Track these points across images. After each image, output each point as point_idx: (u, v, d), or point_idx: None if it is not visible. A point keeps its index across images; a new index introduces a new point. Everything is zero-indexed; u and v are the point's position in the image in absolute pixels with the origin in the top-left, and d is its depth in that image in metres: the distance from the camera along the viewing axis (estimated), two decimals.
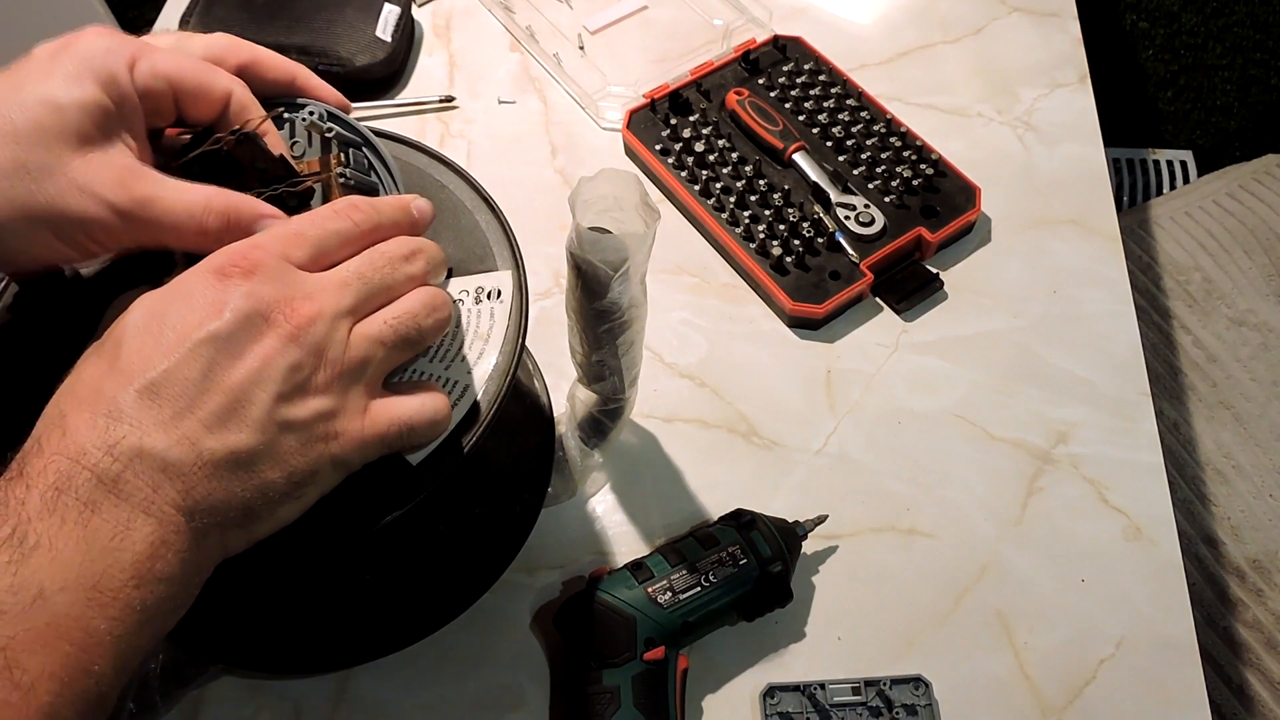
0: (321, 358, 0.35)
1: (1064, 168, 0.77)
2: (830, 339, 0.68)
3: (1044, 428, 0.64)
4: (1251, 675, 0.78)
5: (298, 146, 0.43)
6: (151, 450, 0.32)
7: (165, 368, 0.33)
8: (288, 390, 0.34)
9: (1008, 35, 0.86)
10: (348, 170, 0.42)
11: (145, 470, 0.32)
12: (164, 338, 0.33)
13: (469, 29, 0.88)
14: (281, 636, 0.55)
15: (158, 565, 0.32)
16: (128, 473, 0.31)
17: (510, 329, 0.43)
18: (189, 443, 0.32)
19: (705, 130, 0.76)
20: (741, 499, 0.60)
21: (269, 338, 0.34)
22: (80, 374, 0.34)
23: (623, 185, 0.43)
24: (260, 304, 0.34)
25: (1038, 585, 0.58)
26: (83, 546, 0.30)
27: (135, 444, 0.32)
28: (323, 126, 0.42)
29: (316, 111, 0.43)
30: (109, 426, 0.32)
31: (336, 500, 0.38)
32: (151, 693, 0.53)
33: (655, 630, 0.52)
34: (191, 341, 0.33)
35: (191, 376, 0.33)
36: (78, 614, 0.30)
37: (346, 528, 0.39)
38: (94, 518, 0.31)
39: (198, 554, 0.33)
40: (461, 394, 0.41)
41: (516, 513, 0.56)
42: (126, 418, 0.32)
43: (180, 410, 0.32)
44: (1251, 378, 0.91)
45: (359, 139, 0.43)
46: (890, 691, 0.54)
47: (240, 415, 0.33)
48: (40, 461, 0.31)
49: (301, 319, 0.35)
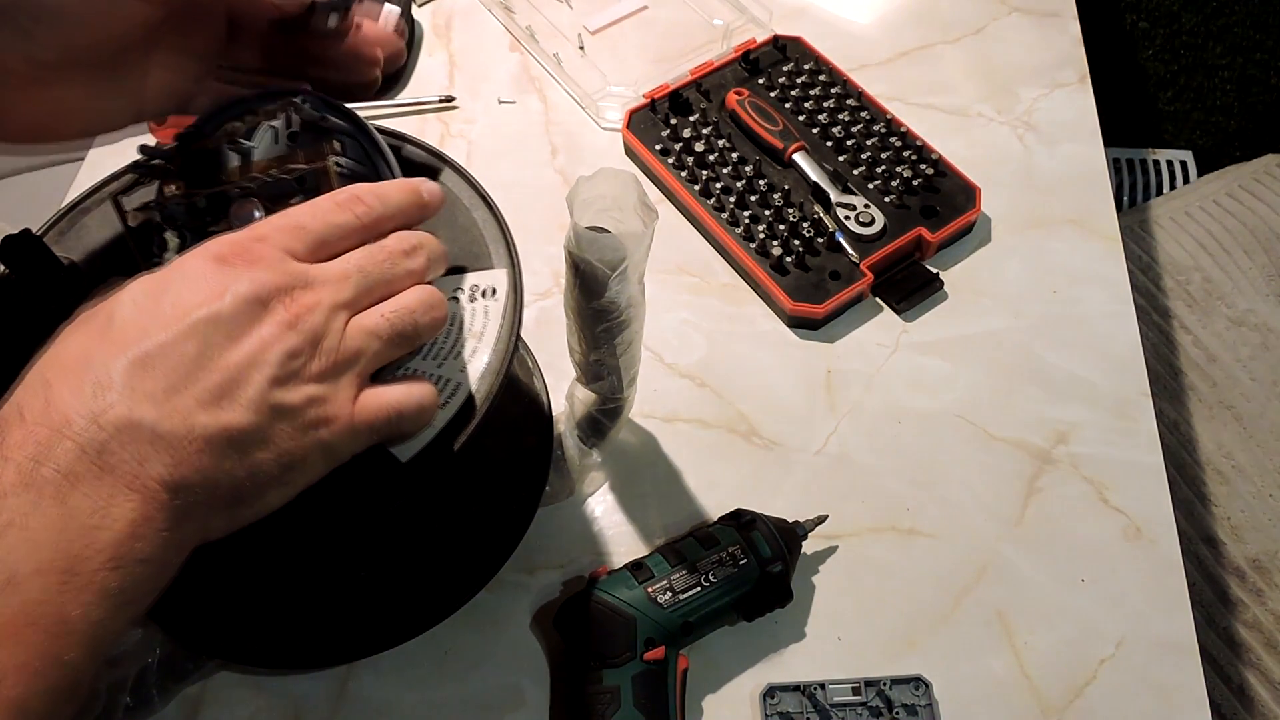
0: (317, 346, 0.35)
1: (1064, 168, 0.77)
2: (830, 339, 0.68)
3: (1044, 428, 0.64)
4: (1251, 675, 0.78)
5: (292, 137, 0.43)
6: (141, 421, 0.31)
7: (161, 340, 0.32)
8: (283, 375, 0.34)
9: (1008, 35, 0.86)
10: (343, 159, 0.42)
11: (132, 442, 0.31)
12: (161, 312, 0.33)
13: (469, 29, 0.88)
14: (279, 631, 0.55)
15: (137, 545, 0.31)
16: (113, 443, 0.30)
17: (504, 328, 0.43)
18: (181, 416, 0.32)
19: (705, 130, 0.76)
20: (741, 499, 0.60)
21: (268, 323, 0.34)
22: (67, 342, 0.33)
23: (621, 185, 0.43)
24: (261, 291, 0.34)
25: (1038, 585, 0.58)
26: (59, 525, 0.29)
27: (124, 414, 0.31)
28: (315, 116, 0.42)
29: (309, 101, 0.43)
30: (96, 395, 0.31)
31: (329, 495, 0.38)
32: (148, 687, 0.53)
33: (655, 630, 0.52)
34: (191, 319, 0.33)
35: (188, 352, 0.32)
36: (51, 600, 0.29)
37: (338, 522, 0.39)
38: (73, 493, 0.30)
39: (178, 534, 0.32)
40: (454, 392, 0.41)
41: (515, 508, 0.56)
42: (116, 387, 0.31)
43: (174, 384, 0.32)
44: (1251, 378, 0.91)
45: (352, 127, 0.43)
46: (890, 691, 0.54)
47: (235, 395, 0.33)
48: (20, 432, 0.30)
49: (300, 307, 0.35)
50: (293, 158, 0.42)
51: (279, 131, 0.42)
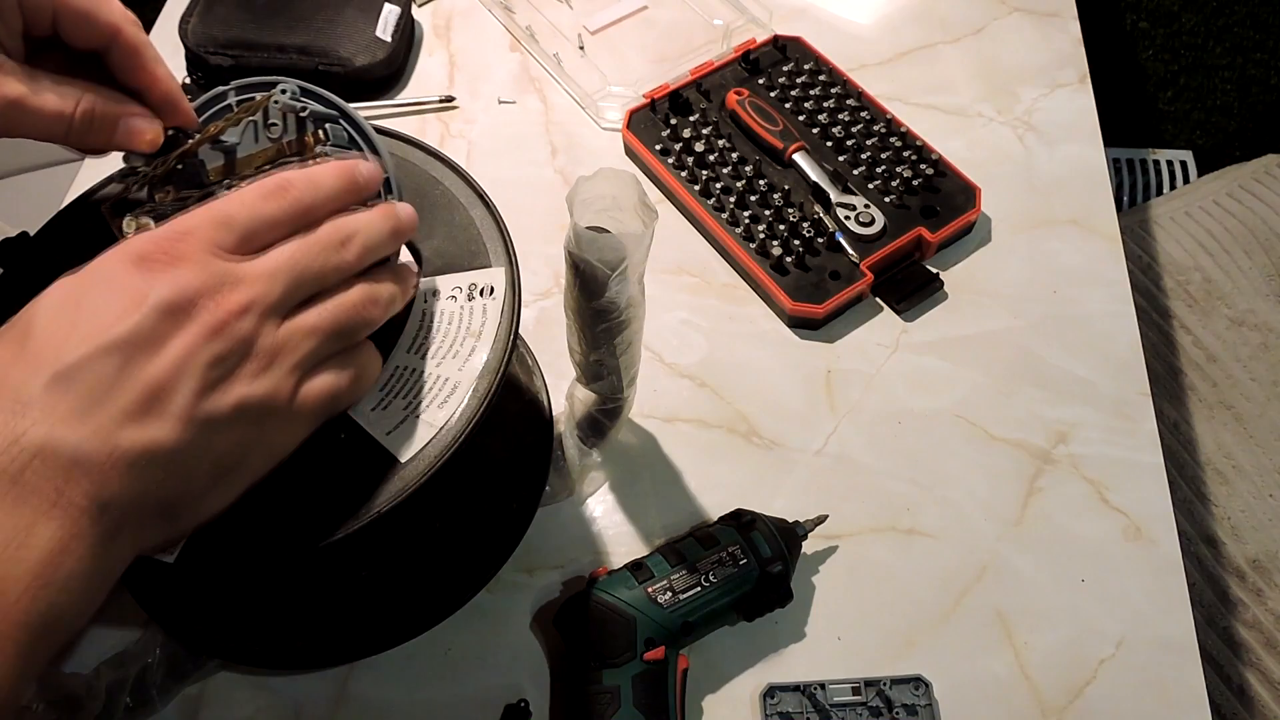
0: (250, 348, 0.34)
1: (1064, 168, 0.77)
2: (830, 339, 0.68)
3: (1044, 428, 0.64)
4: (1251, 675, 0.78)
5: (275, 129, 0.42)
6: (61, 443, 0.30)
7: (79, 356, 0.31)
8: (210, 382, 0.33)
9: (1008, 35, 0.86)
10: (328, 146, 0.42)
11: (53, 464, 0.30)
12: (79, 326, 0.31)
13: (469, 29, 0.88)
14: (279, 631, 0.55)
15: (66, 564, 0.30)
16: (29, 471, 0.29)
17: (502, 326, 0.43)
18: (102, 436, 0.30)
19: (705, 130, 0.76)
20: (741, 499, 0.60)
21: (191, 330, 0.32)
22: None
23: (621, 185, 0.43)
24: (182, 295, 0.32)
25: (1038, 585, 0.58)
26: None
27: (42, 436, 0.30)
28: (296, 105, 0.42)
29: (289, 90, 0.42)
30: (15, 415, 0.30)
31: (326, 496, 0.38)
32: (148, 687, 0.53)
33: (655, 630, 0.52)
34: (110, 335, 0.31)
35: (107, 369, 0.31)
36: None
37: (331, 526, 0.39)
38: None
39: (106, 554, 0.31)
40: (453, 390, 0.41)
41: (515, 507, 0.56)
42: (34, 407, 0.30)
43: (94, 402, 0.30)
44: (1251, 378, 0.91)
45: (334, 112, 0.43)
46: (890, 691, 0.54)
47: (160, 408, 0.32)
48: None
49: (226, 312, 0.33)
50: (277, 150, 0.42)
51: (258, 125, 0.42)
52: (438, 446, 0.40)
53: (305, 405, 0.36)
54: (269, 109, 0.42)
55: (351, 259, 0.38)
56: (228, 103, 0.43)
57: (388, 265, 0.41)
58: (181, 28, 0.80)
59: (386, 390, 0.42)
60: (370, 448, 0.40)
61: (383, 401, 0.42)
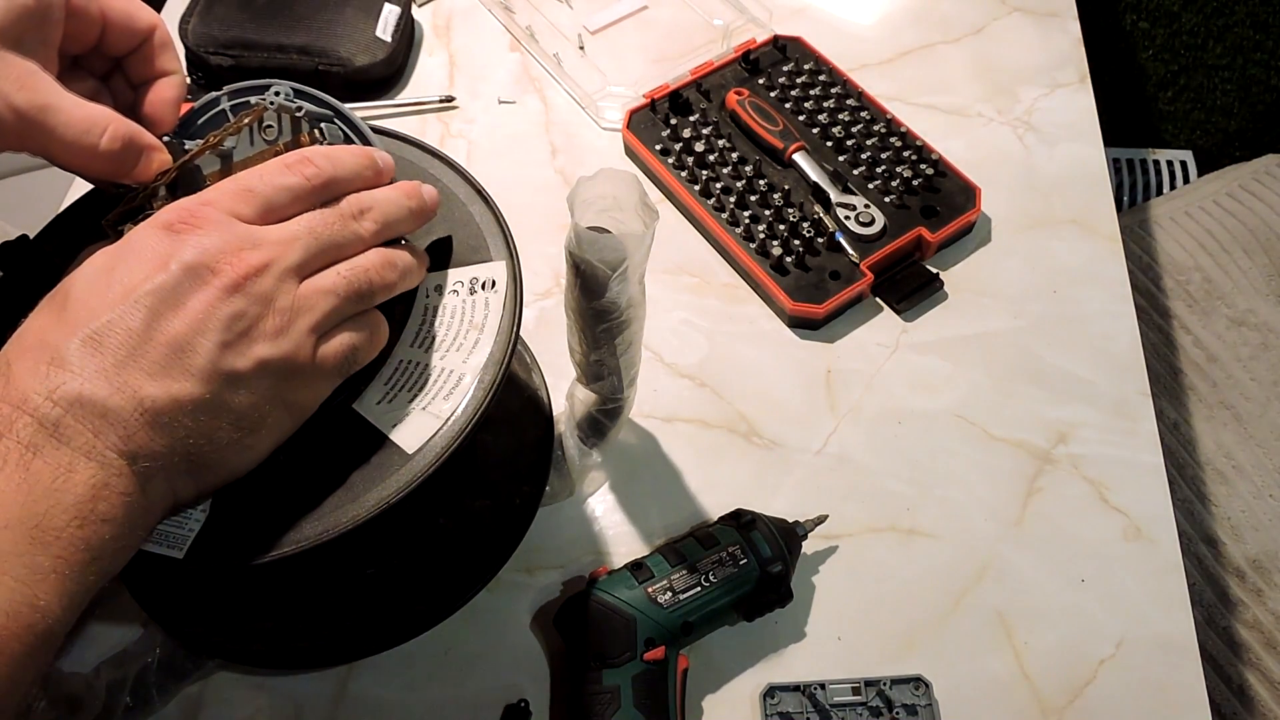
0: (268, 306, 0.36)
1: (1064, 168, 0.77)
2: (830, 339, 0.68)
3: (1044, 428, 0.64)
4: (1251, 675, 0.78)
5: (270, 131, 0.43)
6: (92, 397, 0.32)
7: (109, 318, 0.33)
8: (231, 338, 0.35)
9: (1008, 35, 0.86)
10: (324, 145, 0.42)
11: (85, 416, 0.32)
12: (110, 290, 0.34)
13: (469, 29, 0.88)
14: (279, 631, 0.55)
15: (100, 506, 0.32)
16: (68, 418, 0.32)
17: (505, 319, 0.43)
18: (129, 390, 0.33)
19: (705, 130, 0.76)
20: (741, 499, 0.60)
21: (211, 287, 0.35)
22: (29, 325, 0.35)
23: (621, 185, 0.43)
24: (205, 255, 0.35)
25: (1038, 585, 0.58)
26: (25, 488, 0.31)
27: (75, 390, 0.32)
28: (291, 106, 0.42)
29: (283, 91, 0.43)
30: (51, 374, 0.32)
31: (335, 489, 0.38)
32: (148, 687, 0.53)
33: (655, 630, 0.52)
34: (137, 294, 0.34)
35: (134, 327, 0.33)
36: (21, 550, 0.31)
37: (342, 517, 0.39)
38: (35, 460, 0.31)
39: (144, 498, 0.34)
40: (458, 383, 0.42)
41: (516, 506, 0.56)
42: (69, 366, 0.33)
43: (123, 359, 0.33)
44: (1251, 378, 0.91)
45: (329, 112, 0.43)
46: (890, 691, 0.54)
47: (183, 363, 0.34)
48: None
49: (246, 268, 0.35)
50: (274, 152, 0.42)
51: (253, 129, 0.42)
52: (445, 438, 0.40)
53: (325, 363, 0.38)
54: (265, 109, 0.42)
55: (369, 230, 0.39)
56: (221, 108, 0.43)
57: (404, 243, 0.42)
58: (181, 28, 0.80)
59: (391, 384, 0.42)
60: (378, 441, 0.41)
61: (388, 395, 0.42)
